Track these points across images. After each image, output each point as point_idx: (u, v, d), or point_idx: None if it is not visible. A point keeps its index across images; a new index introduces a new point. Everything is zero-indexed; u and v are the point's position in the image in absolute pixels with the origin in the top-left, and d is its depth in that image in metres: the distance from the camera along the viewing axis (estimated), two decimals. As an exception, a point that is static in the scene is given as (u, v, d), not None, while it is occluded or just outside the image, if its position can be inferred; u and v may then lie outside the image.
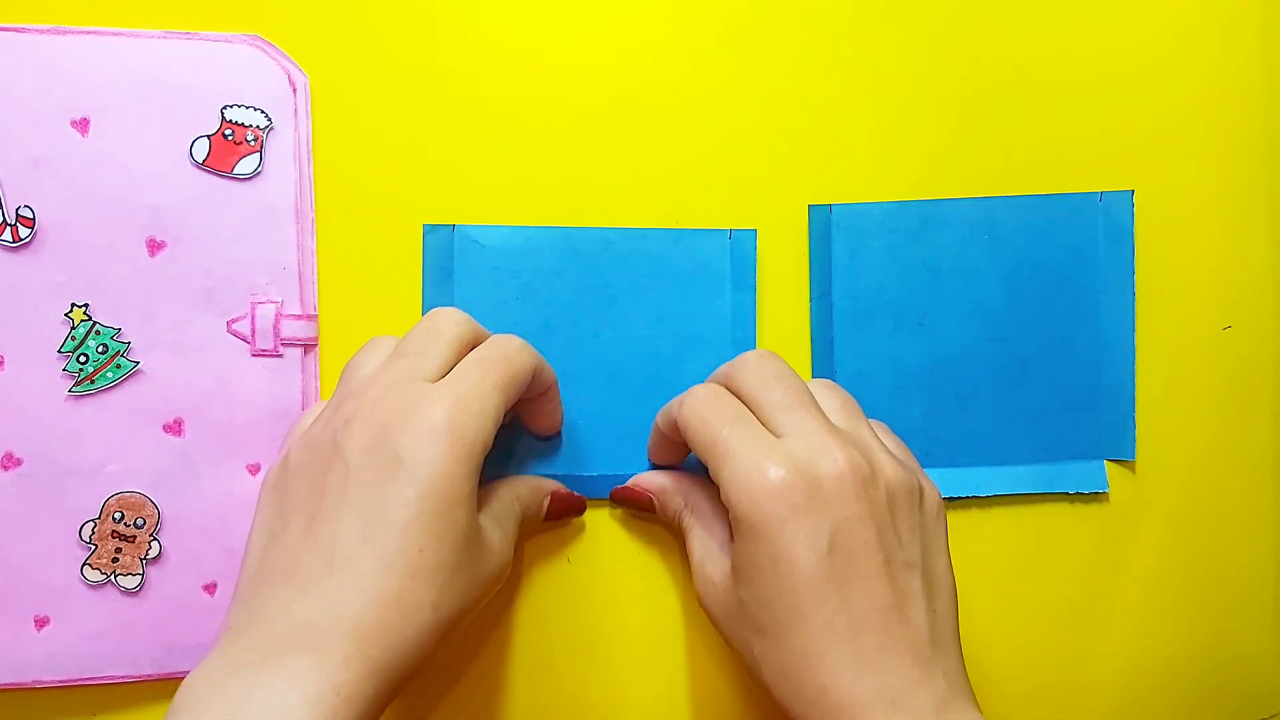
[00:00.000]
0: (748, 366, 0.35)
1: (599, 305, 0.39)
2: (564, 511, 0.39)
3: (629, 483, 0.39)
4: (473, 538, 0.31)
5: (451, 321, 0.34)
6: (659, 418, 0.37)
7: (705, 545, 0.36)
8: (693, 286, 0.40)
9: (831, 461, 0.32)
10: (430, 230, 0.39)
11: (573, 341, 0.39)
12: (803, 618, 0.31)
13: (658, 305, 0.40)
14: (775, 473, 0.31)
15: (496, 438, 0.32)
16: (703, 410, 0.34)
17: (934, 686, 0.31)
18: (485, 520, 0.33)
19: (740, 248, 0.40)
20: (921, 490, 0.34)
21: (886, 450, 0.34)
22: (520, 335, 0.39)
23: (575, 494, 0.39)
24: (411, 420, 0.30)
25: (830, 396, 0.35)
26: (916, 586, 0.32)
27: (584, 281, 0.39)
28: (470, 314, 0.35)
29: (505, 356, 0.33)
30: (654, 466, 0.40)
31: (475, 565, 0.32)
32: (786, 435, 0.33)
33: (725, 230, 0.40)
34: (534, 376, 0.34)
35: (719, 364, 0.39)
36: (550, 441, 0.39)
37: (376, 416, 0.31)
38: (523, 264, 0.39)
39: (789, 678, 0.31)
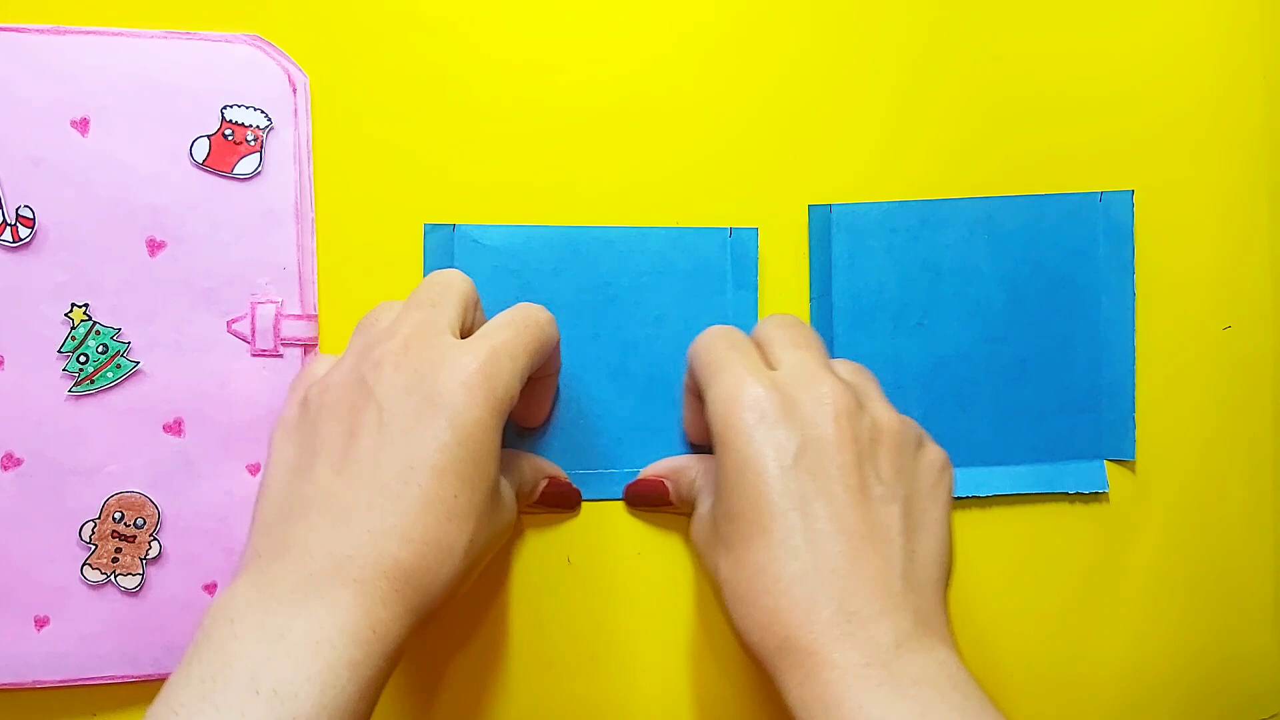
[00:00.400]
0: (770, 318, 0.36)
1: (599, 304, 0.39)
2: (557, 499, 0.39)
3: (639, 475, 0.40)
4: (496, 488, 0.32)
5: (460, 278, 0.35)
6: (686, 373, 0.38)
7: (708, 491, 0.36)
8: (693, 285, 0.40)
9: (814, 388, 0.32)
10: (431, 230, 0.39)
11: (573, 341, 0.39)
12: (763, 531, 0.31)
13: (658, 304, 0.40)
14: (755, 389, 0.32)
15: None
16: (709, 338, 0.35)
17: (895, 622, 0.30)
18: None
19: (741, 246, 0.40)
20: (921, 444, 0.34)
21: (889, 407, 0.34)
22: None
23: (573, 486, 0.39)
24: (446, 368, 0.31)
25: (845, 363, 0.36)
26: (894, 522, 0.31)
27: (584, 281, 0.39)
28: None
29: (536, 323, 0.34)
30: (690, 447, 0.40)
31: (494, 515, 0.32)
32: (781, 368, 0.33)
33: (726, 229, 0.40)
34: (555, 351, 0.35)
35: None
36: (552, 439, 0.39)
37: (409, 362, 0.31)
38: (523, 263, 0.39)
39: (745, 599, 0.31)
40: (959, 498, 0.41)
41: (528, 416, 0.39)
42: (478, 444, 0.30)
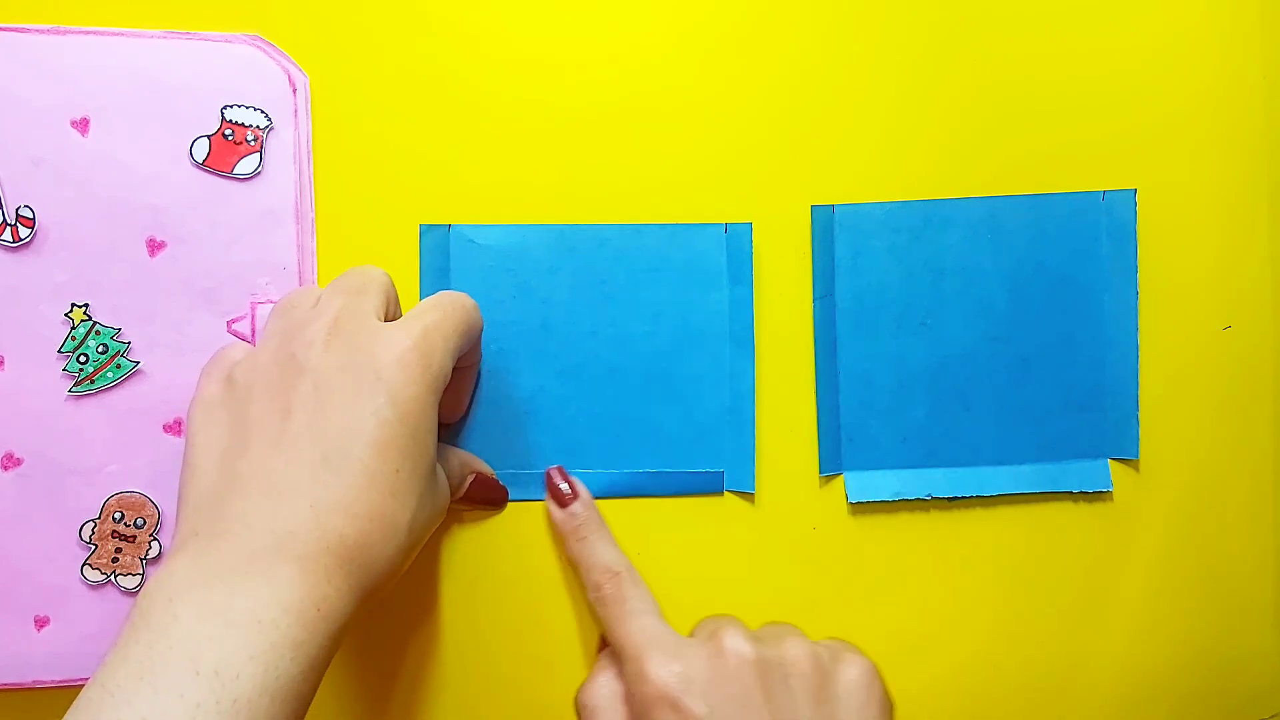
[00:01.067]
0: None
1: (596, 302, 0.39)
2: (482, 496, 0.38)
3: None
4: (433, 468, 0.32)
5: (381, 272, 0.34)
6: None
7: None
8: (689, 281, 0.40)
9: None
10: (427, 230, 0.39)
11: (570, 339, 0.39)
12: None
13: (654, 301, 0.39)
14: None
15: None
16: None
17: None
18: None
19: (736, 241, 0.40)
20: (836, 665, 0.33)
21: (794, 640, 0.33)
22: (517, 333, 0.39)
23: (500, 485, 0.39)
24: (380, 345, 0.30)
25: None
26: None
27: (580, 278, 0.39)
28: None
29: (463, 307, 0.34)
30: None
31: (433, 495, 0.32)
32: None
33: (721, 224, 0.40)
34: (478, 340, 0.35)
35: (716, 358, 0.39)
36: (550, 437, 0.39)
37: (341, 341, 0.31)
38: (518, 262, 0.39)
39: None
40: (963, 497, 0.41)
41: (449, 409, 0.38)
42: (417, 420, 0.30)
